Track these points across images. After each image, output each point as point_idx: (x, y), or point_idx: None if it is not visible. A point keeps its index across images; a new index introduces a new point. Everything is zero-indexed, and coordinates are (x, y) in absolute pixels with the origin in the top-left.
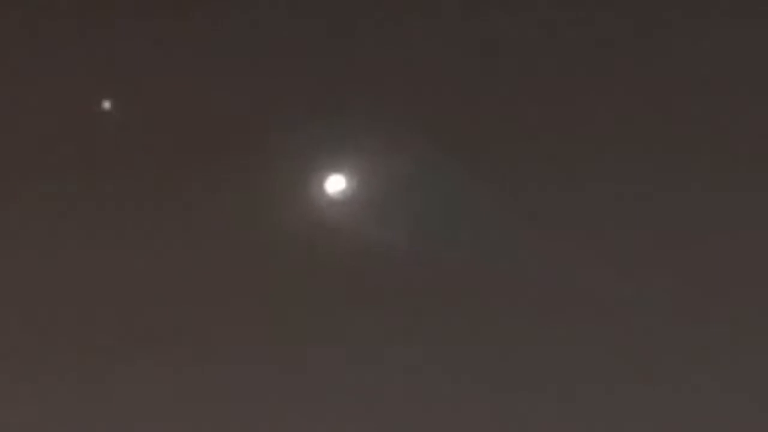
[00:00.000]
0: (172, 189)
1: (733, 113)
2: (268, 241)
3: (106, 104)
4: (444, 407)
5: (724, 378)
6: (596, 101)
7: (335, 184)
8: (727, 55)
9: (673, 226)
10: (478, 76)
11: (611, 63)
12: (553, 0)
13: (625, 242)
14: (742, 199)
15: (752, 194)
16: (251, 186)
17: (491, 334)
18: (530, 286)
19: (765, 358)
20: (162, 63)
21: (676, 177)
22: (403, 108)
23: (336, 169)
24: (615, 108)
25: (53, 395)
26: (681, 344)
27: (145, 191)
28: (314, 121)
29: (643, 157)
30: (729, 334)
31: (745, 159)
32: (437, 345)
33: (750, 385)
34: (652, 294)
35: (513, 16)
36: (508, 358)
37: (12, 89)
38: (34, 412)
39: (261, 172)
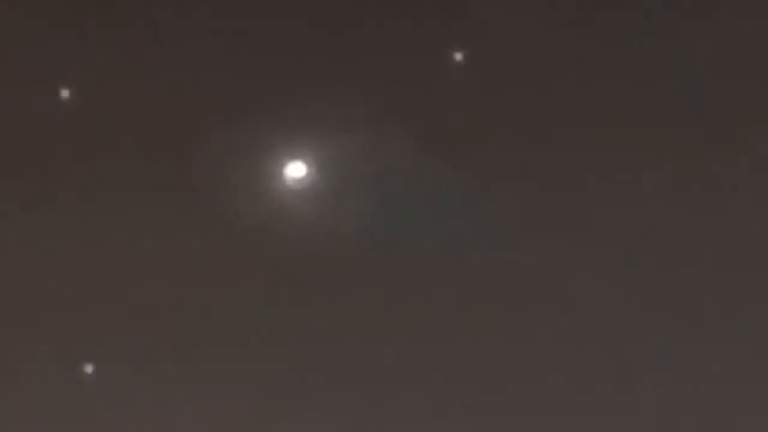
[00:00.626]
0: (129, 179)
1: (733, 113)
2: (228, 230)
3: (64, 93)
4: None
5: (723, 378)
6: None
7: (295, 170)
8: (728, 55)
9: (666, 227)
10: (438, 62)
11: (610, 62)
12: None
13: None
14: (743, 199)
15: (753, 194)
16: (210, 174)
17: (454, 323)
18: (495, 274)
19: (765, 358)
20: (124, 51)
21: (671, 177)
22: (364, 94)
23: (296, 155)
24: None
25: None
26: (680, 345)
27: (99, 182)
28: (273, 107)
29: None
30: (729, 334)
31: (746, 160)
32: (397, 332)
33: (750, 385)
34: (633, 294)
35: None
36: (468, 348)
37: None
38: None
39: (220, 158)
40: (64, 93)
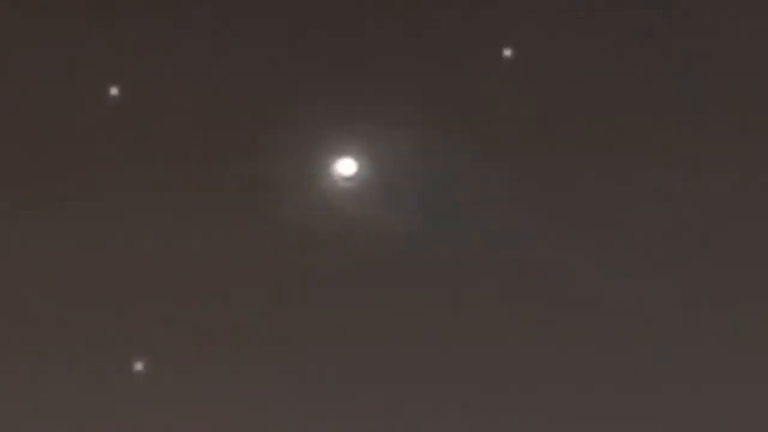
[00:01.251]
0: (180, 173)
1: (734, 112)
2: (277, 226)
3: (114, 90)
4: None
5: (727, 379)
6: (603, 92)
7: (345, 167)
8: (730, 56)
9: (689, 223)
10: (487, 62)
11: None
12: None
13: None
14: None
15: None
16: (259, 170)
17: (501, 327)
18: (540, 276)
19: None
20: (171, 44)
21: (690, 174)
22: (414, 91)
23: (346, 152)
24: (625, 101)
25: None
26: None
27: (150, 177)
28: (324, 103)
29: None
30: (736, 334)
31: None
32: (445, 335)
33: (753, 386)
34: (672, 293)
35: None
36: (511, 351)
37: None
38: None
39: (270, 154)
40: (113, 91)
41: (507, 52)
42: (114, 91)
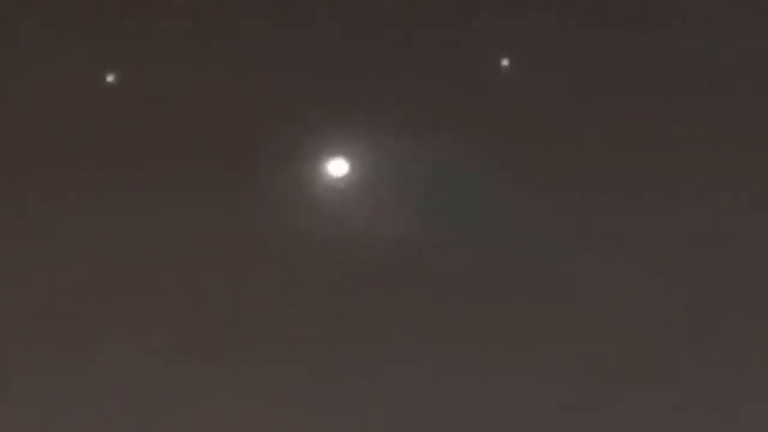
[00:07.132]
0: (168, 174)
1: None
2: (269, 228)
3: (110, 78)
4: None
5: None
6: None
7: (337, 168)
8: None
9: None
10: (483, 65)
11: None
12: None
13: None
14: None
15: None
16: (252, 171)
17: (491, 328)
18: (533, 278)
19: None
20: (167, 43)
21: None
22: (406, 94)
23: (338, 153)
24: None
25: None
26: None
27: (141, 174)
28: (317, 106)
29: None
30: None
31: None
32: (437, 337)
33: (755, 386)
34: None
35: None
36: (506, 351)
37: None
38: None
39: (262, 157)
40: (109, 78)
41: (505, 62)
42: (111, 77)
